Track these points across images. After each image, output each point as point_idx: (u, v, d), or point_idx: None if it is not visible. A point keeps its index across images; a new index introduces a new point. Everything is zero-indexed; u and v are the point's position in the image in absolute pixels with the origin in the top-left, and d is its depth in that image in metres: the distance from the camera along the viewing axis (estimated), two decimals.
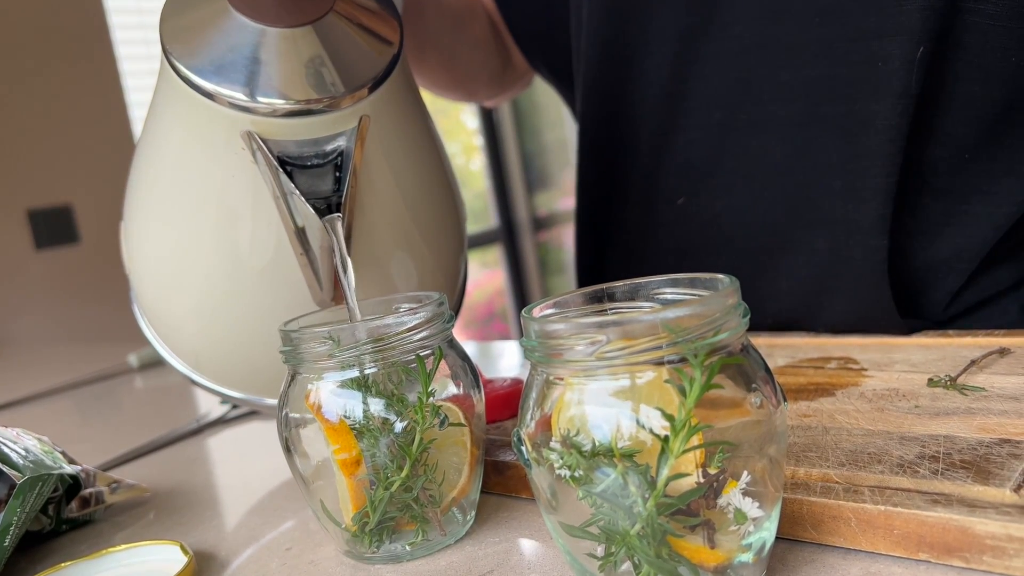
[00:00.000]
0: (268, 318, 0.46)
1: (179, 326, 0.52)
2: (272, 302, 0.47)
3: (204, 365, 0.53)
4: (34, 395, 1.02)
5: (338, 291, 0.46)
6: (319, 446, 0.39)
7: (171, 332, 0.53)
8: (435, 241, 0.53)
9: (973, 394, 0.42)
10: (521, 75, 0.87)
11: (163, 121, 0.47)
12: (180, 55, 0.43)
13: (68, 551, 0.48)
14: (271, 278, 0.47)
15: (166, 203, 0.48)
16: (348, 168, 0.44)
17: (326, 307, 0.47)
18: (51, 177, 2.03)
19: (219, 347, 0.51)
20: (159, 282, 0.51)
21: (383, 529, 0.39)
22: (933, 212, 0.56)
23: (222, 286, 0.48)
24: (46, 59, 2.04)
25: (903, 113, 0.52)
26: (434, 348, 0.39)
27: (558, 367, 0.30)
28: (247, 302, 0.48)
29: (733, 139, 0.60)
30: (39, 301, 2.00)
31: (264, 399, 0.54)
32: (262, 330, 0.47)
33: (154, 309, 0.53)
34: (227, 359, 0.52)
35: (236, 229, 0.46)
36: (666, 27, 0.61)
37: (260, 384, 0.52)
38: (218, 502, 0.53)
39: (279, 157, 0.43)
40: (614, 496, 0.29)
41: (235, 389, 0.54)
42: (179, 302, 0.50)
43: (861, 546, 0.33)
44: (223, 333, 0.50)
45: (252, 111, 0.42)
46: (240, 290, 0.48)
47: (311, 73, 0.43)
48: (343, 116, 0.43)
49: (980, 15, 0.51)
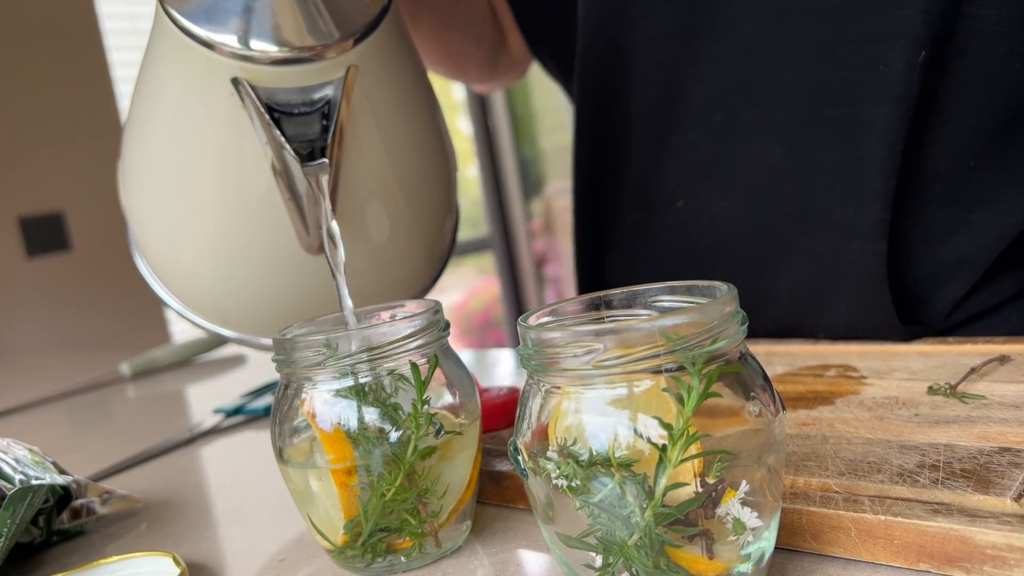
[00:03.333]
0: (283, 247, 0.47)
1: (191, 271, 0.52)
2: (284, 232, 0.48)
3: (227, 309, 0.53)
4: (25, 404, 1.01)
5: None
6: (313, 455, 0.39)
7: (184, 279, 0.53)
8: (415, 199, 0.53)
9: (973, 402, 0.42)
10: (516, 63, 0.87)
11: (157, 70, 0.48)
12: (173, 1, 0.44)
13: (59, 563, 0.47)
14: (279, 210, 0.47)
15: (167, 150, 0.48)
16: (334, 118, 0.45)
17: (312, 252, 0.48)
18: (42, 184, 2.02)
19: (237, 285, 0.51)
20: (166, 228, 0.51)
21: (377, 543, 0.39)
22: (937, 220, 0.56)
23: (231, 222, 0.48)
24: (37, 66, 2.03)
25: (903, 117, 0.52)
26: (429, 356, 0.39)
27: (555, 376, 0.30)
28: (258, 235, 0.48)
29: (733, 141, 0.60)
30: (30, 309, 1.99)
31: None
32: (280, 260, 0.48)
33: (162, 257, 0.53)
34: (248, 297, 0.51)
35: (238, 169, 0.47)
36: (666, 26, 0.61)
37: (286, 321, 0.52)
38: (211, 513, 0.53)
39: (267, 104, 0.44)
40: (611, 506, 0.29)
41: (260, 331, 0.53)
42: (188, 245, 0.50)
43: (861, 556, 0.33)
44: (239, 269, 0.50)
45: (244, 58, 0.43)
46: (249, 224, 0.48)
47: (301, 21, 0.44)
48: (331, 65, 0.44)
49: (984, 20, 0.51)
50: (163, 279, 0.55)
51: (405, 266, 0.55)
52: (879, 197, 0.54)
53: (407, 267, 0.55)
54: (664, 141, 0.63)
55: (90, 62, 2.16)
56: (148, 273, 0.57)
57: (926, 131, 0.54)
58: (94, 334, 2.03)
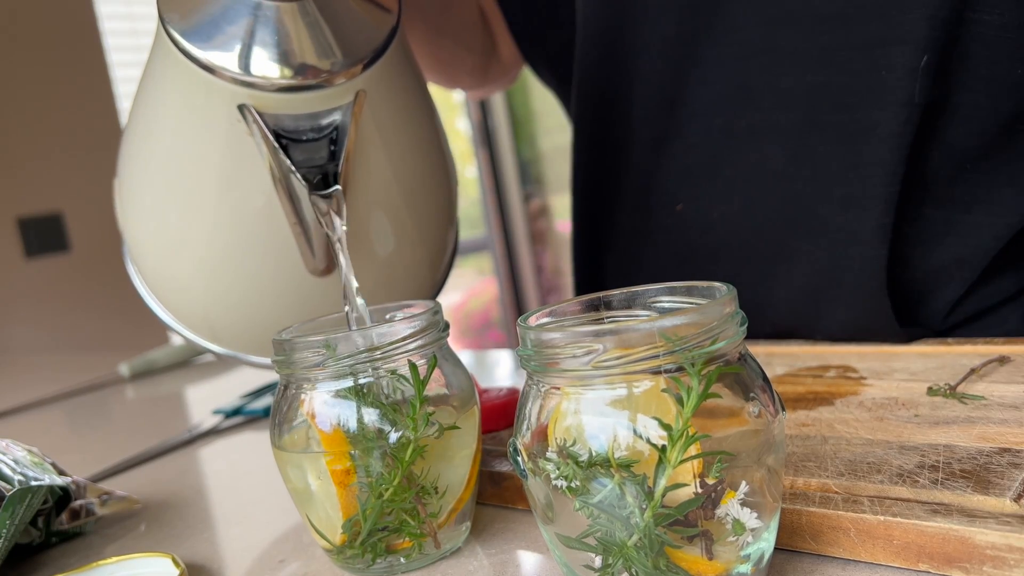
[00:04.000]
0: (278, 267, 0.47)
1: (185, 286, 0.52)
2: (280, 252, 0.48)
3: (219, 327, 0.53)
4: (24, 405, 1.01)
5: (330, 260, 0.47)
6: (313, 456, 0.39)
7: (176, 293, 0.53)
8: (420, 212, 0.53)
9: (973, 403, 0.42)
10: (507, 69, 0.86)
11: (158, 90, 0.47)
12: (177, 26, 0.43)
13: (58, 564, 0.47)
14: (277, 231, 0.47)
15: (164, 170, 0.48)
16: (344, 143, 0.44)
17: (318, 275, 0.47)
18: (41, 185, 2.03)
19: (230, 304, 0.51)
20: (161, 245, 0.51)
21: (377, 543, 0.39)
22: (934, 221, 0.56)
23: (227, 242, 0.48)
24: (36, 66, 2.03)
25: (907, 122, 0.52)
26: (429, 357, 0.39)
27: (554, 376, 0.30)
28: (254, 255, 0.48)
29: (732, 145, 0.60)
30: (29, 310, 1.99)
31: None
32: (274, 281, 0.48)
33: (156, 273, 0.53)
34: (241, 316, 0.51)
35: (236, 190, 0.46)
36: (667, 30, 0.61)
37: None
38: (210, 514, 0.53)
39: (275, 131, 0.43)
40: (611, 507, 0.29)
41: (251, 349, 0.53)
42: (183, 262, 0.50)
43: (860, 557, 0.33)
44: (233, 289, 0.50)
45: (249, 85, 0.42)
46: (247, 245, 0.48)
47: (308, 47, 0.43)
48: (339, 91, 0.43)
49: (986, 25, 0.51)
50: (155, 292, 0.55)
51: (410, 279, 0.55)
52: (880, 202, 0.54)
53: (412, 280, 0.55)
54: (664, 145, 0.63)
55: (89, 63, 2.16)
56: (141, 284, 0.57)
57: (926, 135, 0.54)
58: (93, 335, 2.03)
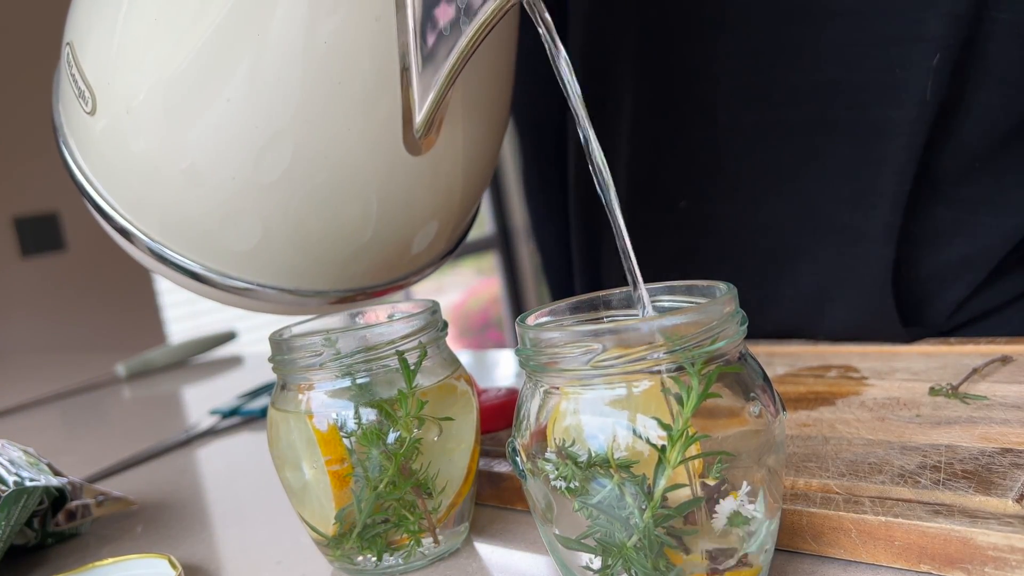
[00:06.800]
0: (349, 132, 0.36)
1: (186, 180, 0.40)
2: (352, 110, 0.36)
3: (239, 233, 0.41)
4: (20, 405, 1.01)
5: (439, 124, 0.36)
6: (310, 456, 0.38)
7: (166, 183, 0.41)
8: (496, 123, 0.47)
9: (975, 403, 0.42)
10: None
11: None
12: None
13: (54, 565, 0.47)
14: (354, 67, 0.36)
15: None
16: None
17: (416, 152, 0.36)
18: (37, 184, 2.02)
19: (261, 194, 0.40)
20: (164, 119, 0.39)
21: (374, 538, 0.38)
22: (941, 221, 0.55)
23: (271, 89, 0.36)
24: (32, 65, 2.03)
25: (920, 120, 0.51)
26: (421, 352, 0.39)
27: (553, 376, 0.30)
28: (314, 107, 0.37)
29: (738, 142, 0.59)
30: (25, 310, 1.99)
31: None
32: (339, 152, 0.37)
33: (148, 159, 0.41)
34: (281, 216, 0.40)
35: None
36: (672, 24, 0.60)
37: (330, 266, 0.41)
38: (207, 515, 0.53)
39: None
40: (610, 507, 0.28)
41: (283, 275, 0.43)
42: (197, 132, 0.39)
43: (862, 558, 0.32)
44: (273, 163, 0.38)
45: None
46: (301, 91, 0.36)
47: None
48: None
49: (1000, 23, 0.50)
50: (127, 181, 0.42)
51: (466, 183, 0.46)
52: (889, 201, 0.53)
53: (466, 186, 0.47)
54: (667, 140, 0.63)
55: None
56: (88, 171, 0.44)
57: (938, 134, 0.53)
58: (89, 335, 2.03)
